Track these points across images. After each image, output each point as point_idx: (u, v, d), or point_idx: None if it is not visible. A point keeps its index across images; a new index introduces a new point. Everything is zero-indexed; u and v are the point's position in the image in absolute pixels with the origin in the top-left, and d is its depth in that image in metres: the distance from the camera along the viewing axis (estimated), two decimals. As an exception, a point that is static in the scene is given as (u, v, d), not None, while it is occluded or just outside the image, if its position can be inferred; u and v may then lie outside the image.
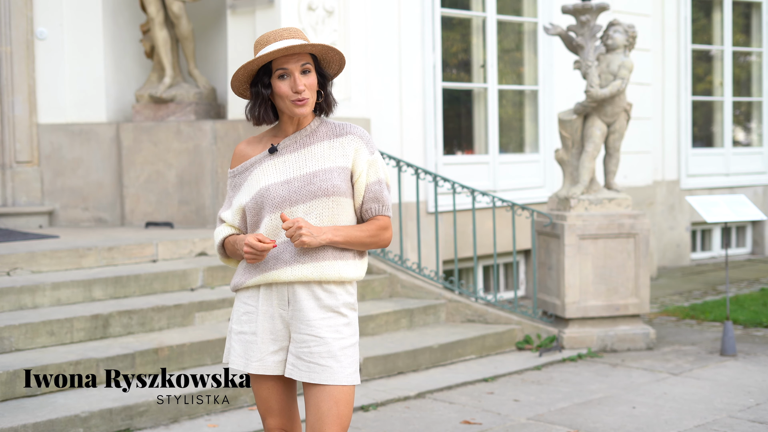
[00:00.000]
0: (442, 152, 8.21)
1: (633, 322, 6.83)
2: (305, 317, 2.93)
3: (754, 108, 11.79)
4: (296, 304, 2.95)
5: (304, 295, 2.94)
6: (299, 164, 2.98)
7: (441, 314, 6.86)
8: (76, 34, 7.78)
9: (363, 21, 7.49)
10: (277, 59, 2.93)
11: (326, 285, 2.95)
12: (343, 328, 2.96)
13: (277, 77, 2.93)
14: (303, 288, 2.94)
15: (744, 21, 11.70)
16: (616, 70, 6.82)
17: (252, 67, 2.95)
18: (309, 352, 2.92)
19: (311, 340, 2.92)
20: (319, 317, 2.93)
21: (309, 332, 2.93)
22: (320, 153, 2.98)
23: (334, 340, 2.93)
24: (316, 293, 2.94)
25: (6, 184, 7.70)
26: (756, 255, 11.59)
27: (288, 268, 2.93)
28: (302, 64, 2.93)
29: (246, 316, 3.02)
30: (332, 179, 2.95)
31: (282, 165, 2.99)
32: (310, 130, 3.02)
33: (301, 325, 2.94)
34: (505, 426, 4.95)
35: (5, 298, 5.46)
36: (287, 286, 2.96)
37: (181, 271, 6.20)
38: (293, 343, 2.97)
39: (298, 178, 2.96)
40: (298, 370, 2.94)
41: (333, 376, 2.91)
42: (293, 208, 2.94)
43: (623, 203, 6.91)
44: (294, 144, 3.01)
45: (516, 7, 9.01)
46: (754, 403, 5.34)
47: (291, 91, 2.92)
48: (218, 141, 7.40)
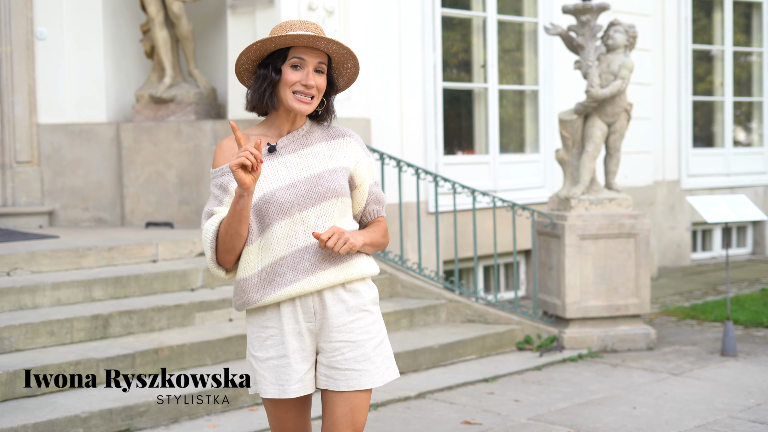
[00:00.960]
0: (442, 152, 8.21)
1: (633, 323, 6.83)
2: (334, 324, 2.81)
3: (754, 108, 11.79)
4: (324, 312, 2.82)
5: (332, 301, 2.82)
6: (302, 165, 2.83)
7: (441, 314, 6.85)
8: (76, 34, 7.78)
9: (363, 21, 7.49)
10: (295, 47, 2.78)
11: (350, 285, 2.84)
12: (372, 326, 2.86)
13: (290, 65, 2.78)
14: (329, 294, 2.81)
15: (744, 21, 11.70)
16: (617, 70, 6.81)
17: (269, 46, 2.77)
18: (343, 359, 2.81)
19: (344, 346, 2.81)
20: (348, 321, 2.82)
21: (340, 338, 2.81)
22: (321, 154, 2.86)
23: (366, 341, 2.83)
24: (341, 296, 2.83)
25: (6, 184, 7.70)
26: (756, 255, 11.58)
27: (311, 277, 2.78)
28: (319, 62, 2.79)
29: (271, 340, 2.83)
30: (338, 180, 2.83)
31: (283, 166, 2.82)
32: (305, 131, 2.89)
33: (332, 333, 2.81)
34: (506, 426, 4.95)
35: (5, 298, 5.45)
36: (312, 297, 2.81)
37: (181, 271, 6.20)
38: (323, 354, 2.83)
39: (303, 181, 2.80)
40: (333, 380, 2.82)
41: (371, 379, 2.82)
42: (303, 213, 2.79)
43: (624, 203, 6.90)
44: (293, 144, 2.86)
45: (516, 7, 9.00)
46: (754, 403, 5.33)
47: (300, 84, 2.77)
48: (218, 141, 7.38)
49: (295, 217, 2.78)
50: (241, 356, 5.60)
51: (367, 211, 2.97)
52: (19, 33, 7.66)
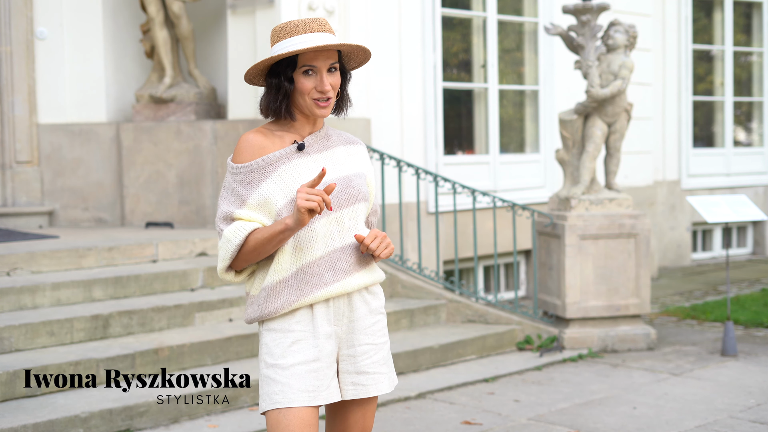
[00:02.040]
0: (442, 152, 8.20)
1: (634, 323, 6.82)
2: (361, 326, 2.78)
3: (754, 108, 11.78)
4: (351, 315, 2.77)
5: (359, 303, 2.79)
6: (331, 166, 2.76)
7: (441, 314, 6.85)
8: (76, 34, 7.78)
9: (363, 21, 7.48)
10: (305, 54, 2.69)
11: (371, 287, 2.83)
12: (386, 329, 2.86)
13: (302, 73, 2.69)
14: (357, 296, 2.78)
15: (745, 21, 11.69)
16: (617, 70, 6.81)
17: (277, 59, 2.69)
18: (371, 362, 2.78)
19: (371, 349, 2.79)
20: (371, 323, 2.80)
21: (367, 341, 2.78)
22: (343, 158, 2.81)
23: (384, 344, 2.83)
24: (366, 298, 2.81)
25: (6, 184, 7.70)
26: (757, 255, 11.58)
27: (349, 278, 2.73)
28: (331, 64, 2.71)
29: (298, 344, 2.70)
30: (363, 184, 2.81)
31: (314, 165, 2.74)
32: (324, 133, 2.83)
33: (360, 336, 2.77)
34: (506, 426, 4.95)
35: (5, 298, 5.45)
36: (344, 298, 2.76)
37: (182, 271, 6.20)
38: (348, 361, 2.77)
39: (336, 181, 2.72)
40: (363, 386, 2.76)
41: (390, 383, 2.82)
42: (339, 213, 2.73)
43: (624, 203, 6.90)
44: (317, 144, 2.79)
45: (516, 7, 9.00)
46: (755, 403, 5.33)
47: (316, 90, 2.70)
48: (218, 141, 7.40)
49: (331, 216, 2.72)
50: (241, 356, 5.60)
51: (366, 221, 2.94)
52: (19, 33, 7.66)
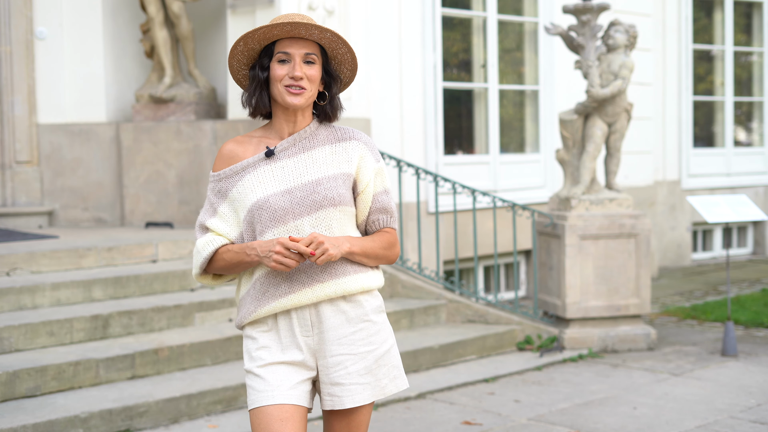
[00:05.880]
0: (442, 152, 8.20)
1: (634, 323, 6.82)
2: (335, 336, 2.66)
3: (755, 108, 11.78)
4: (321, 326, 2.66)
5: (330, 313, 2.66)
6: (300, 171, 2.67)
7: (441, 315, 6.85)
8: (76, 34, 7.77)
9: (363, 21, 7.48)
10: (280, 41, 2.66)
11: (350, 297, 2.69)
12: (374, 337, 2.71)
13: (277, 61, 2.65)
14: (328, 306, 2.66)
15: (745, 21, 11.69)
16: (617, 69, 6.81)
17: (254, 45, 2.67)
18: (347, 373, 2.67)
19: (347, 360, 2.67)
20: (349, 332, 2.67)
21: (342, 351, 2.67)
22: (322, 159, 2.70)
23: (367, 353, 2.69)
24: (341, 308, 2.67)
25: (6, 184, 7.69)
26: (757, 255, 11.57)
27: (307, 289, 2.63)
28: (306, 53, 2.65)
29: (265, 351, 2.68)
30: (337, 188, 2.66)
31: (280, 171, 2.67)
32: (309, 133, 2.73)
33: (332, 346, 2.66)
34: (506, 426, 4.94)
35: (5, 299, 5.45)
36: (309, 309, 2.66)
37: (181, 271, 6.20)
38: (325, 370, 2.68)
39: (299, 187, 2.65)
40: (338, 398, 2.67)
41: (372, 392, 2.69)
42: (298, 221, 2.63)
43: (624, 203, 6.90)
44: (293, 147, 2.70)
45: (517, 7, 9.00)
46: (755, 403, 5.33)
47: (287, 77, 2.63)
48: (218, 141, 7.40)
49: (289, 225, 2.63)
50: (241, 356, 5.59)
51: (371, 221, 2.77)
52: (19, 33, 7.65)
